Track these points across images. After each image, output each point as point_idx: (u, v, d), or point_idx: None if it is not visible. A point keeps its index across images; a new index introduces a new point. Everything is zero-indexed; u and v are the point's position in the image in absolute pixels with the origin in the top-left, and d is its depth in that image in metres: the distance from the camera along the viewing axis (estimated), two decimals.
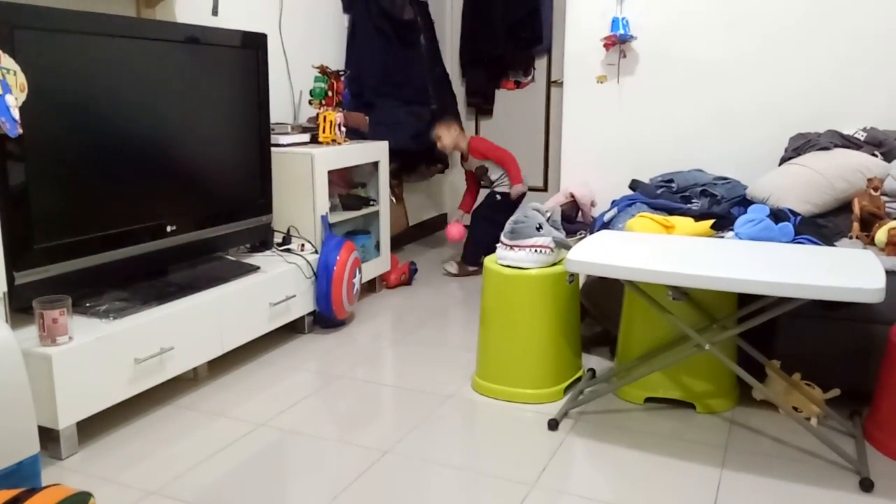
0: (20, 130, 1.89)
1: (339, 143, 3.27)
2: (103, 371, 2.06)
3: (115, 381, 2.10)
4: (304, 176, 3.04)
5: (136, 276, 2.40)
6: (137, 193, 2.37)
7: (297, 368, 2.66)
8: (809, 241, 2.26)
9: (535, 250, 2.33)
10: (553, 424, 2.17)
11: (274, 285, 2.73)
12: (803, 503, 1.79)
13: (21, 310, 2.06)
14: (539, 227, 2.34)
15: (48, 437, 1.96)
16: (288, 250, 2.99)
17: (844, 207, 2.61)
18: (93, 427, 2.14)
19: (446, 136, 3.89)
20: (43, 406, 1.93)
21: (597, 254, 2.06)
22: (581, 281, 2.59)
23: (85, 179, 2.19)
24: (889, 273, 1.93)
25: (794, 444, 2.07)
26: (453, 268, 3.92)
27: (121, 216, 2.31)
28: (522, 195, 3.84)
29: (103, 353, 2.05)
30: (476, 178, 4.04)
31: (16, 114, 1.88)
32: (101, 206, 2.25)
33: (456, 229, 3.91)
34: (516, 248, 2.35)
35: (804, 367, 2.23)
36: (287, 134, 3.18)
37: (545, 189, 4.83)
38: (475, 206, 4.04)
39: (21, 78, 1.91)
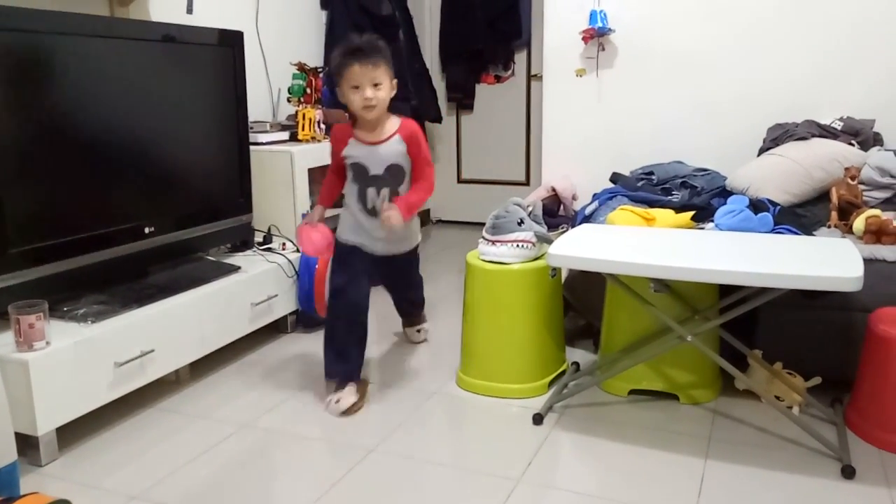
0: None
1: (319, 141, 3.24)
2: (82, 376, 2.03)
3: (95, 385, 2.08)
4: (284, 174, 3.02)
5: (114, 279, 2.37)
6: (114, 195, 2.34)
7: (281, 368, 2.64)
8: (789, 231, 2.28)
9: (517, 245, 2.33)
10: (538, 419, 2.18)
11: (255, 285, 2.71)
12: (786, 491, 1.81)
13: None
14: (521, 222, 2.34)
15: (27, 443, 1.93)
16: (269, 249, 2.97)
17: (823, 197, 2.64)
18: (73, 432, 2.11)
19: (382, 90, 2.20)
20: (21, 412, 1.90)
21: (578, 247, 2.06)
22: (564, 275, 2.59)
23: (60, 181, 2.15)
24: (867, 261, 1.95)
25: (777, 432, 2.09)
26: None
27: (98, 218, 2.28)
28: (390, 228, 2.25)
29: (82, 357, 2.03)
30: (353, 174, 2.34)
31: None
32: (78, 208, 2.22)
33: (320, 235, 2.35)
34: (498, 244, 2.34)
35: (785, 356, 2.25)
36: (266, 132, 3.15)
37: (527, 183, 4.83)
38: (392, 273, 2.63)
39: None
